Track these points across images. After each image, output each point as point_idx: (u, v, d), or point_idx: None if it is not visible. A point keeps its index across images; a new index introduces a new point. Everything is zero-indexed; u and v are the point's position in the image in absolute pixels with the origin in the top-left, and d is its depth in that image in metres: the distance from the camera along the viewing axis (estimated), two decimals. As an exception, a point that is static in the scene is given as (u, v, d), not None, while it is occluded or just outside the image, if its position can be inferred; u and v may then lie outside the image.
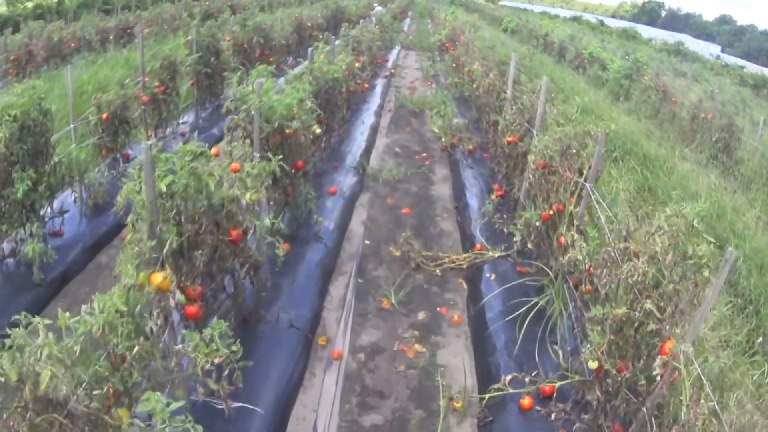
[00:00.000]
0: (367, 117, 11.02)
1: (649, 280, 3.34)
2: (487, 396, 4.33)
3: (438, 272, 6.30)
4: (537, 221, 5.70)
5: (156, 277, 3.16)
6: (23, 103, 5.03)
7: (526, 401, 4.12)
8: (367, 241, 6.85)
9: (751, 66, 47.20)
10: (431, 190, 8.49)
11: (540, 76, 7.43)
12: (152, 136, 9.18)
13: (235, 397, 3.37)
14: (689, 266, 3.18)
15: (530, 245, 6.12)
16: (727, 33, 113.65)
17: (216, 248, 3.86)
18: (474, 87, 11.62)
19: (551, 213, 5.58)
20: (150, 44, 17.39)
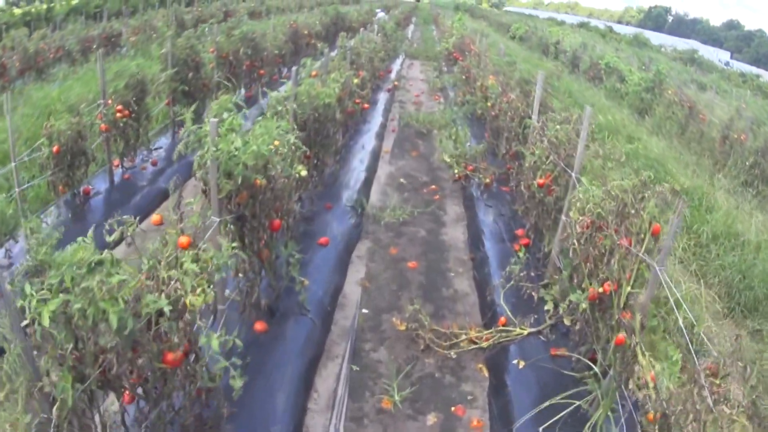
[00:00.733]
0: (368, 140, 9.72)
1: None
2: None
3: (452, 355, 5.00)
4: (583, 302, 4.38)
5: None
6: None
7: None
8: (365, 310, 5.54)
9: (765, 74, 45.83)
10: (442, 235, 7.17)
11: (572, 99, 6.18)
12: (119, 167, 7.97)
13: None
14: None
15: (567, 321, 4.85)
16: (735, 38, 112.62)
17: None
18: (488, 105, 10.34)
19: (600, 292, 4.28)
20: (131, 55, 16.16)
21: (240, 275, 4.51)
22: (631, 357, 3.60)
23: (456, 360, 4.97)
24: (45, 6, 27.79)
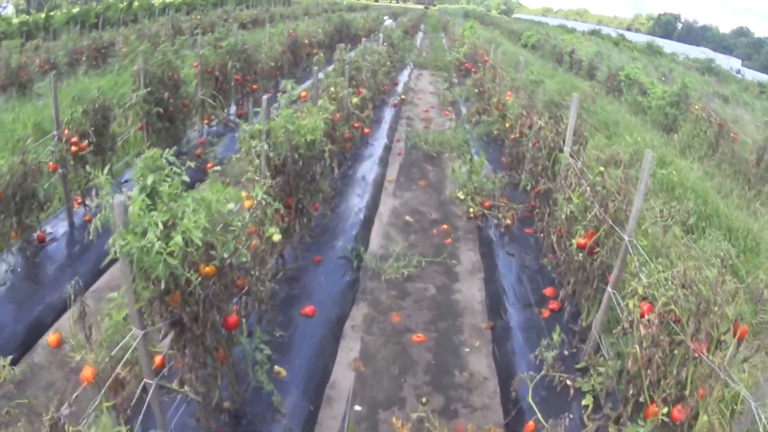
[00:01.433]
0: (369, 167, 8.46)
1: None
2: None
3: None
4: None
5: None
6: None
7: None
8: (359, 407, 4.27)
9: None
10: (455, 292, 5.90)
11: (612, 128, 4.91)
12: (81, 204, 6.81)
13: None
14: None
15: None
16: (745, 46, 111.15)
17: None
18: (507, 126, 9.09)
19: (668, 420, 3.06)
20: (125, 65, 15.00)
21: (185, 387, 3.27)
22: None
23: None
24: (44, 15, 26.78)
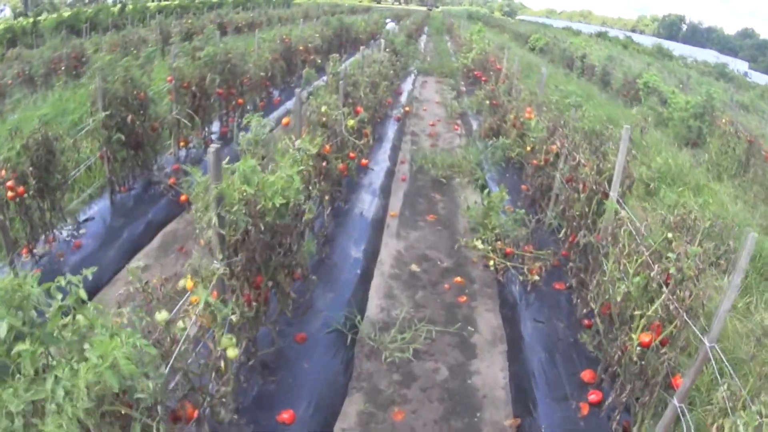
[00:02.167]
0: (368, 201, 7.20)
1: None
2: None
3: None
4: None
5: None
6: None
7: None
8: None
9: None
10: (472, 375, 4.63)
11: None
12: (28, 254, 5.63)
13: None
14: None
15: None
16: (750, 47, 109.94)
17: None
18: (528, 149, 7.85)
19: None
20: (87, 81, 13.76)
21: None
22: None
23: None
24: (30, 20, 25.57)
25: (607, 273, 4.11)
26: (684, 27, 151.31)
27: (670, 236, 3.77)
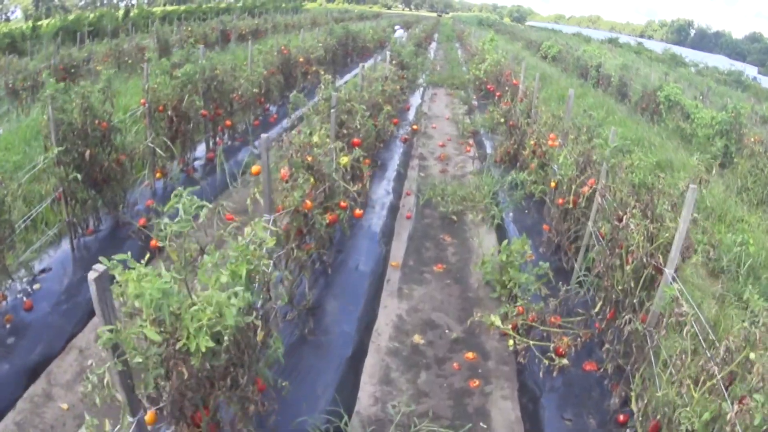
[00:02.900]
0: (366, 250, 6.00)
1: None
2: None
3: None
4: None
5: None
6: None
7: None
8: None
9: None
10: None
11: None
12: None
13: None
14: None
15: None
16: (758, 51, 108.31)
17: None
18: (552, 184, 6.66)
19: None
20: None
21: None
22: None
23: None
24: (30, 25, 24.55)
25: (660, 387, 2.96)
26: (692, 32, 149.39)
27: (753, 357, 2.64)
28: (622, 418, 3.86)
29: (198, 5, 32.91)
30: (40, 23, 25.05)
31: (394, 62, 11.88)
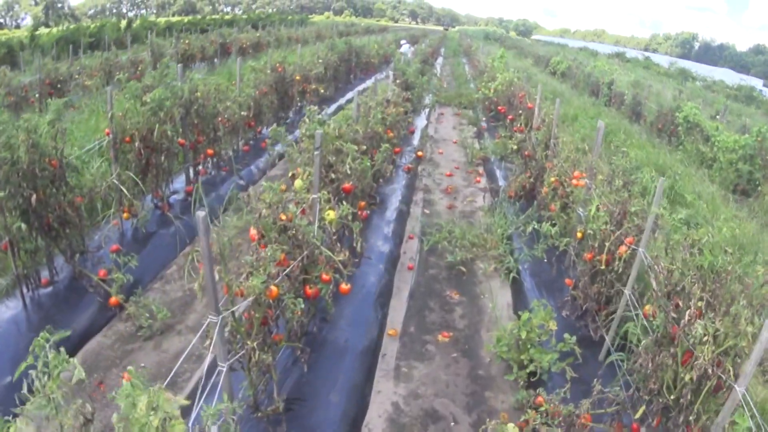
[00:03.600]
0: (358, 317, 4.90)
1: None
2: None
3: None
4: None
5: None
6: None
7: None
8: None
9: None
10: None
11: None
12: None
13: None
14: None
15: None
16: (762, 64, 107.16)
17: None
18: (579, 233, 5.59)
19: None
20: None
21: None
22: None
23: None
24: (27, 34, 23.66)
25: None
26: (696, 45, 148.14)
27: None
28: None
29: (202, 17, 32.01)
30: (39, 32, 24.16)
31: (398, 81, 10.85)
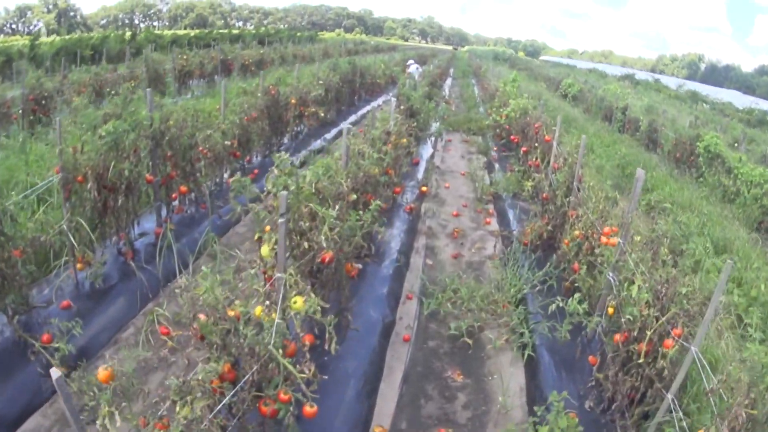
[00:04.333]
0: (332, 415, 3.85)
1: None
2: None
3: None
4: None
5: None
6: None
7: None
8: None
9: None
10: None
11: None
12: None
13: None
14: None
15: None
16: (767, 85, 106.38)
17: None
18: (610, 310, 4.59)
19: None
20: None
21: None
22: None
23: None
24: (28, 42, 22.86)
25: None
26: (702, 66, 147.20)
27: None
28: None
29: (209, 31, 31.30)
30: (39, 41, 23.36)
31: (402, 107, 9.84)
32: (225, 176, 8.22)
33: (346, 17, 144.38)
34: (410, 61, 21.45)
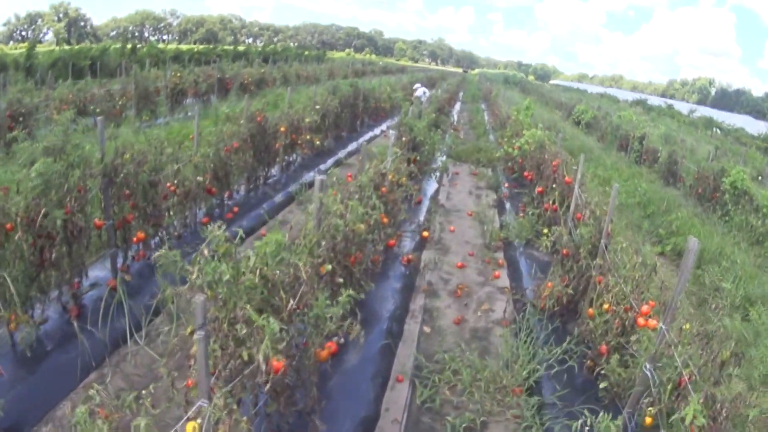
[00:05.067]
0: None
1: None
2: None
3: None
4: None
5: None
6: None
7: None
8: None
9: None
10: None
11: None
12: None
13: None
14: None
15: None
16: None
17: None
18: (648, 417, 3.53)
19: None
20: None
21: None
22: None
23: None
24: (24, 51, 22.16)
25: None
26: (713, 90, 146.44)
27: None
28: None
29: (214, 47, 30.66)
30: (36, 51, 22.65)
31: (404, 140, 8.90)
32: (200, 215, 7.28)
33: (357, 37, 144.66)
34: (417, 85, 20.59)
